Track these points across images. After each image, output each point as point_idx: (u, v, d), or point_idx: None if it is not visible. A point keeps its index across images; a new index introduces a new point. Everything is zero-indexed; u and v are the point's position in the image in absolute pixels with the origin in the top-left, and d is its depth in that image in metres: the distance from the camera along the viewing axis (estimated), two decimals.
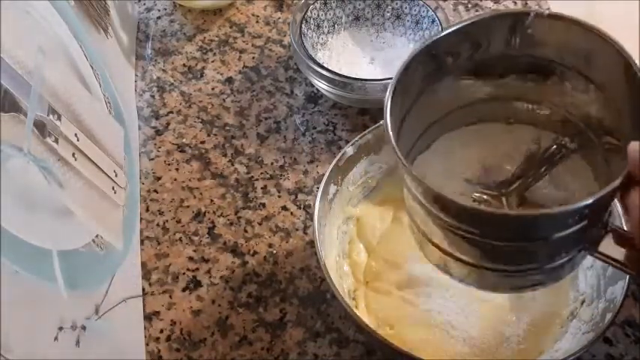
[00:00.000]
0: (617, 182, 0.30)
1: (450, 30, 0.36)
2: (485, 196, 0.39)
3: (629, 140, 0.31)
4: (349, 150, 0.49)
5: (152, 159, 0.59)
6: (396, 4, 0.63)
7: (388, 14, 0.64)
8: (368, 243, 0.51)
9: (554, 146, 0.39)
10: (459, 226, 0.33)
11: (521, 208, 0.39)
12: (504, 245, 0.33)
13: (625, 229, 0.33)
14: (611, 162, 0.36)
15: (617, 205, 0.41)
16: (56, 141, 0.40)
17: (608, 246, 0.34)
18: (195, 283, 0.51)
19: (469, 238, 0.33)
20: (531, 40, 0.36)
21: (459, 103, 0.40)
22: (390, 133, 0.33)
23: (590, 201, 0.30)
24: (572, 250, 0.35)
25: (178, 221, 0.55)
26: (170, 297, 0.51)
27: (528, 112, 0.40)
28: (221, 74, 0.65)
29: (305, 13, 0.61)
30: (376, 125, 0.50)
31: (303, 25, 0.60)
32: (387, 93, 0.34)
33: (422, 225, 0.37)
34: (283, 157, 0.58)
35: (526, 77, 0.39)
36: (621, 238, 0.33)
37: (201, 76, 0.65)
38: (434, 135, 0.41)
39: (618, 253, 0.33)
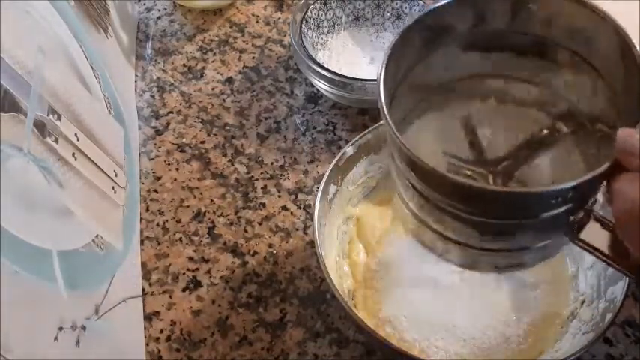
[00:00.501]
0: (602, 168, 0.29)
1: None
2: (470, 172, 0.38)
3: (619, 127, 0.30)
4: (349, 150, 0.49)
5: (152, 159, 0.59)
6: (396, 4, 0.63)
7: (388, 14, 0.64)
8: (367, 243, 0.51)
9: (547, 129, 0.38)
10: (441, 199, 0.32)
11: (506, 186, 0.38)
12: (484, 221, 0.33)
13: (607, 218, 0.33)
14: (602, 149, 0.35)
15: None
16: (56, 141, 0.40)
17: (591, 234, 0.33)
18: (195, 283, 0.51)
19: (452, 212, 0.33)
20: (532, 16, 0.35)
21: (454, 77, 0.39)
22: (383, 100, 0.32)
23: (573, 184, 0.29)
24: (554, 233, 0.34)
25: (178, 221, 0.55)
26: (170, 297, 0.51)
27: (523, 92, 0.39)
28: (221, 74, 0.65)
29: (305, 13, 0.61)
30: (376, 125, 0.50)
31: (303, 25, 0.60)
32: (383, 59, 0.33)
33: (406, 198, 0.36)
34: (283, 157, 0.58)
35: (524, 56, 0.38)
36: (603, 227, 0.33)
37: (201, 76, 0.65)
38: (425, 108, 0.40)
39: (600, 242, 0.33)
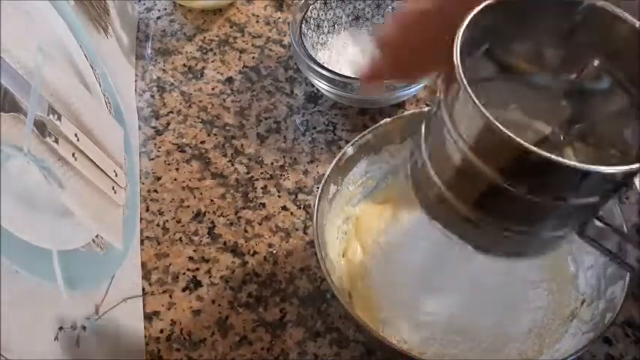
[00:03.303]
0: None
1: None
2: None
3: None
4: (349, 150, 0.49)
5: (152, 159, 0.59)
6: (396, 4, 0.63)
7: None
8: (364, 242, 0.51)
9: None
10: (497, 170, 0.32)
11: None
12: (520, 194, 0.33)
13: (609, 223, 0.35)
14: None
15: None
16: (56, 141, 0.40)
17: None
18: (196, 283, 0.51)
19: (498, 187, 0.33)
20: (583, 32, 0.35)
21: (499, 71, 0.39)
22: (458, 61, 0.32)
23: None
24: (571, 223, 0.35)
25: (178, 221, 0.55)
26: (170, 297, 0.51)
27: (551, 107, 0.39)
28: (221, 74, 0.65)
29: (305, 13, 0.61)
30: (376, 125, 0.50)
31: (303, 25, 0.60)
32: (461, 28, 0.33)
33: (436, 169, 0.36)
34: (283, 157, 0.58)
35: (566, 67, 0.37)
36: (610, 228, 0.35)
37: (201, 76, 0.65)
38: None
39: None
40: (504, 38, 0.37)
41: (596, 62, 0.36)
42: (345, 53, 0.63)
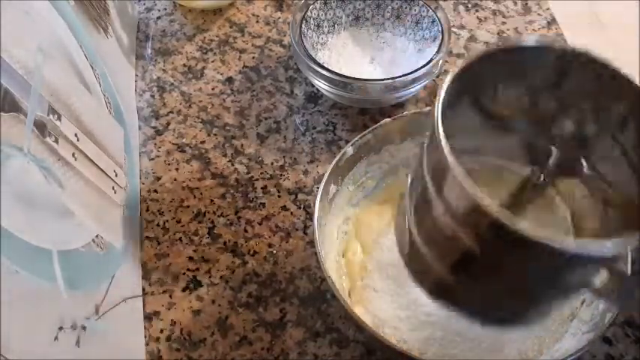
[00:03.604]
0: None
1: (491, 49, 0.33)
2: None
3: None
4: (349, 150, 0.49)
5: (152, 159, 0.59)
6: (396, 4, 0.63)
7: (388, 14, 0.64)
8: (364, 242, 0.51)
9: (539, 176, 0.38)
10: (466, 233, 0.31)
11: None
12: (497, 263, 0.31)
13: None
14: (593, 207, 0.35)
15: None
16: (56, 141, 0.40)
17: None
18: (196, 283, 0.51)
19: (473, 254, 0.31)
20: (570, 81, 0.34)
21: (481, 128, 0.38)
22: (440, 125, 0.30)
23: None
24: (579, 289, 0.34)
25: (178, 221, 0.55)
26: (170, 297, 0.51)
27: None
28: (221, 74, 0.65)
29: (305, 13, 0.61)
30: (376, 125, 0.50)
31: (303, 25, 0.60)
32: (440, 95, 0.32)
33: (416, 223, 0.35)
34: (283, 157, 0.58)
35: (552, 123, 0.36)
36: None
37: (201, 76, 0.65)
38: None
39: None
40: (490, 88, 0.36)
41: (580, 107, 0.35)
42: (345, 53, 0.63)
